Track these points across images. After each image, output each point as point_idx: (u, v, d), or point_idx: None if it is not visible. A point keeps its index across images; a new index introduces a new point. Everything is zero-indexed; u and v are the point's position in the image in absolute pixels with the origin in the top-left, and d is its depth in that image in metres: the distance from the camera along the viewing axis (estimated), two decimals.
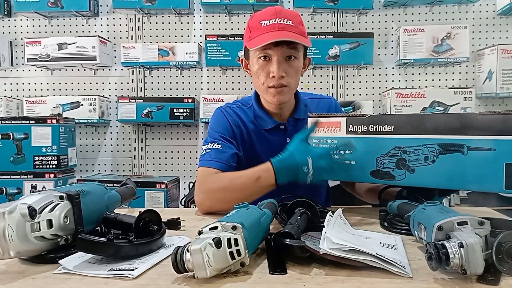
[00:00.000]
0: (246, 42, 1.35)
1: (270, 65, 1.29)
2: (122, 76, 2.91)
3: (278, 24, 1.26)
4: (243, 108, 1.48)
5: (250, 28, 1.33)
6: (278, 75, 1.28)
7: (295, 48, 1.29)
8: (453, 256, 0.69)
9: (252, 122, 1.44)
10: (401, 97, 2.57)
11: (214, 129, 1.42)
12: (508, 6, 2.56)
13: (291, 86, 1.33)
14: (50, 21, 2.90)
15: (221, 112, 1.46)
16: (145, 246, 0.86)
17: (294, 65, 1.31)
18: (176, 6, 2.72)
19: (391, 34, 2.80)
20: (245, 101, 1.50)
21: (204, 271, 0.70)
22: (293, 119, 1.44)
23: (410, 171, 1.06)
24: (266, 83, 1.32)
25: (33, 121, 2.41)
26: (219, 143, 1.36)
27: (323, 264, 0.79)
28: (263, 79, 1.32)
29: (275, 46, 1.26)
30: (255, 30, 1.30)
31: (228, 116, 1.44)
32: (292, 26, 1.27)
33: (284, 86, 1.31)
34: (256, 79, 1.35)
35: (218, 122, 1.43)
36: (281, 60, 1.28)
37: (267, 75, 1.31)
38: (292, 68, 1.31)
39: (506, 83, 2.53)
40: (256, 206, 0.93)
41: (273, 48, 1.27)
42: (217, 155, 1.33)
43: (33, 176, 2.42)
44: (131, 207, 1.55)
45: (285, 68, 1.29)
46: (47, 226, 0.79)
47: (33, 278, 0.75)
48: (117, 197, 1.04)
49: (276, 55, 1.28)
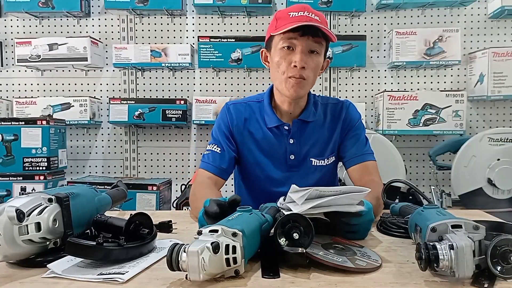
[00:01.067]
0: (271, 31, 1.34)
1: (293, 55, 1.29)
2: (114, 77, 2.88)
3: (306, 16, 1.27)
4: (251, 104, 1.49)
5: (277, 18, 1.33)
6: (300, 65, 1.28)
7: (319, 42, 1.31)
8: (442, 257, 0.69)
9: (257, 119, 1.46)
10: (394, 99, 2.57)
11: (217, 128, 1.48)
12: (500, 10, 2.58)
13: (309, 81, 1.33)
14: (41, 21, 2.87)
15: (225, 111, 1.49)
16: (136, 249, 0.85)
17: (316, 59, 1.32)
18: (169, 7, 2.71)
19: (383, 37, 2.81)
20: (258, 96, 1.52)
21: (198, 275, 0.69)
22: (298, 121, 1.43)
23: None
24: (287, 73, 1.31)
25: (23, 122, 2.37)
26: (219, 146, 1.43)
27: (316, 268, 0.78)
28: (284, 69, 1.32)
29: (301, 36, 1.27)
30: (282, 19, 1.30)
31: (230, 115, 1.47)
32: (319, 22, 1.28)
33: (303, 79, 1.31)
34: (276, 69, 1.35)
35: (221, 121, 1.48)
36: (305, 51, 1.29)
37: (288, 64, 1.30)
38: (314, 62, 1.32)
39: (497, 86, 2.55)
40: (258, 211, 0.92)
41: (298, 38, 1.28)
42: (215, 159, 1.42)
43: (23, 178, 2.38)
44: (122, 209, 1.53)
45: (307, 61, 1.30)
46: (36, 229, 0.78)
47: (20, 282, 0.74)
48: (107, 200, 1.03)
49: (300, 46, 1.28)
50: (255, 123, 1.46)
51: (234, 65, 2.74)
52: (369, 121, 2.79)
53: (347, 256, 0.82)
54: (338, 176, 2.12)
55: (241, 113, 1.47)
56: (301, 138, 1.44)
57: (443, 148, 2.46)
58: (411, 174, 2.77)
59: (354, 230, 0.98)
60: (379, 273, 0.78)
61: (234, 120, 1.46)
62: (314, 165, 1.45)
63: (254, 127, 1.46)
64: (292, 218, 0.80)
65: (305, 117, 1.43)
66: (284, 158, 1.44)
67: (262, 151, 1.45)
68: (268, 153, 1.45)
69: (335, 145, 1.47)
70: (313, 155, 1.45)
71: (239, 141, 1.46)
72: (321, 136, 1.46)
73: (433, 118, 2.55)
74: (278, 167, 1.45)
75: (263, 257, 0.84)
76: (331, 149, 1.47)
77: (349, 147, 1.45)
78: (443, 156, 2.55)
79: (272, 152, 1.45)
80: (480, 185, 2.28)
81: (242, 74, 2.83)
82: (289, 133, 1.43)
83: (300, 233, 0.79)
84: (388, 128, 2.58)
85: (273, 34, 1.33)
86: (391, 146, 2.35)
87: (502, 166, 2.24)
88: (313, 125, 1.45)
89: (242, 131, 1.46)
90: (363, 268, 0.78)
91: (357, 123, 1.49)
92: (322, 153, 1.46)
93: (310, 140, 1.45)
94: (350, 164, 1.45)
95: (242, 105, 1.49)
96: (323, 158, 1.46)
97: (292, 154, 1.44)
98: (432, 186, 2.45)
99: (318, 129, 1.45)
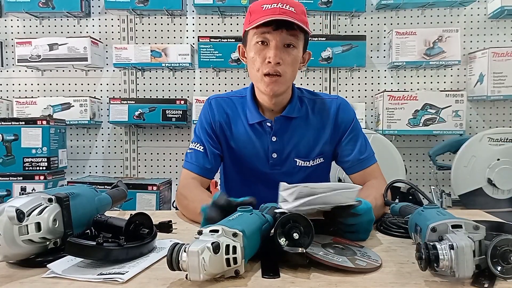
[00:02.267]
0: (246, 26, 1.30)
1: (267, 50, 1.24)
2: (114, 77, 2.88)
3: (280, 8, 1.21)
4: (233, 99, 1.44)
5: (251, 12, 1.28)
6: (274, 61, 1.23)
7: (295, 35, 1.25)
8: (442, 257, 0.69)
9: (238, 115, 1.41)
10: (394, 99, 2.57)
11: (199, 126, 1.44)
12: (499, 10, 2.58)
13: (286, 77, 1.28)
14: (41, 22, 2.87)
15: (207, 106, 1.45)
16: (136, 249, 0.85)
17: (292, 53, 1.26)
18: (169, 7, 2.71)
19: (383, 37, 2.81)
20: (241, 91, 1.47)
21: (198, 275, 0.69)
22: (281, 117, 1.37)
23: None
24: (262, 70, 1.26)
25: (23, 122, 2.37)
26: (202, 144, 1.40)
27: (316, 268, 0.78)
28: (259, 65, 1.27)
29: (274, 30, 1.22)
30: (256, 13, 1.25)
31: (211, 110, 1.43)
32: (294, 13, 1.22)
33: (279, 75, 1.26)
34: (251, 65, 1.30)
35: (203, 118, 1.44)
36: (279, 46, 1.24)
37: (263, 60, 1.25)
38: (290, 56, 1.26)
39: (497, 86, 2.55)
40: (259, 211, 0.92)
41: (272, 32, 1.23)
42: (198, 158, 1.38)
43: (23, 178, 2.38)
44: (122, 209, 1.53)
45: (282, 56, 1.24)
46: (36, 229, 0.78)
47: (21, 282, 0.74)
48: (107, 200, 1.03)
49: (274, 40, 1.23)
50: (237, 119, 1.41)
51: (234, 65, 2.74)
52: (369, 121, 2.79)
53: (347, 256, 0.82)
54: (338, 176, 2.14)
55: (223, 108, 1.42)
56: (284, 136, 1.38)
57: (443, 148, 2.46)
58: (411, 174, 2.77)
59: (352, 230, 0.96)
60: (379, 273, 0.78)
61: (216, 116, 1.41)
62: (298, 165, 1.40)
63: (236, 123, 1.40)
64: (292, 218, 0.80)
65: (288, 113, 1.37)
66: (266, 156, 1.39)
67: (244, 148, 1.40)
68: (250, 150, 1.40)
69: (324, 147, 1.40)
70: (297, 155, 1.39)
71: (221, 137, 1.41)
72: (306, 135, 1.39)
73: (433, 118, 2.55)
74: (261, 165, 1.40)
75: (263, 257, 0.83)
76: (319, 151, 1.40)
77: (348, 152, 1.39)
78: (443, 156, 2.55)
79: (254, 150, 1.39)
80: (480, 185, 2.28)
81: (242, 74, 2.83)
82: (271, 130, 1.37)
83: (300, 233, 0.79)
84: (388, 128, 2.58)
85: (247, 29, 1.28)
86: (391, 146, 2.35)
87: (502, 166, 2.24)
88: (297, 122, 1.38)
89: (224, 127, 1.41)
90: (363, 268, 0.78)
91: (352, 123, 1.41)
92: (307, 154, 1.40)
93: (293, 138, 1.38)
94: (352, 171, 1.40)
95: (224, 100, 1.44)
96: (308, 159, 1.40)
97: (274, 152, 1.38)
98: (432, 186, 2.45)
99: (303, 126, 1.39)
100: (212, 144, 1.40)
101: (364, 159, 1.39)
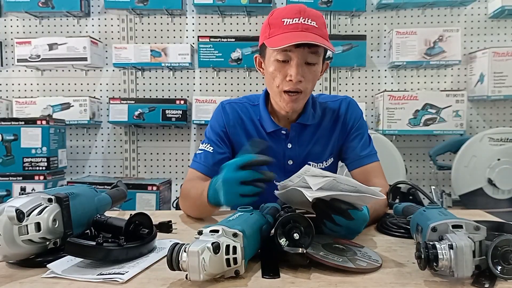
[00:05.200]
0: (264, 39, 1.24)
1: (288, 68, 1.21)
2: (114, 77, 2.88)
3: (302, 24, 1.17)
4: (246, 105, 1.42)
5: (271, 24, 1.22)
6: (296, 79, 1.19)
7: (317, 52, 1.21)
8: (441, 257, 0.69)
9: (254, 122, 1.39)
10: (394, 99, 2.57)
11: (211, 128, 1.41)
12: (500, 10, 2.58)
13: (306, 92, 1.26)
14: (41, 21, 2.86)
15: (221, 110, 1.42)
16: (135, 249, 0.84)
17: (313, 70, 1.23)
18: (169, 7, 2.71)
19: (383, 37, 2.81)
20: (253, 99, 1.44)
21: (198, 275, 0.68)
22: (297, 125, 1.36)
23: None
24: (282, 86, 1.23)
25: (22, 122, 2.37)
26: (212, 145, 1.36)
27: (316, 268, 0.78)
28: (279, 82, 1.23)
29: (296, 47, 1.17)
30: (276, 27, 1.20)
31: (226, 115, 1.40)
32: (316, 28, 1.18)
33: (300, 92, 1.23)
34: (270, 80, 1.26)
35: (215, 121, 1.41)
36: (300, 64, 1.20)
37: (283, 77, 1.22)
38: (311, 73, 1.23)
39: (498, 85, 2.55)
40: (259, 211, 0.91)
41: (293, 50, 1.18)
42: (206, 159, 1.35)
43: (23, 178, 2.38)
44: (122, 209, 1.53)
45: (303, 73, 1.21)
46: (35, 229, 0.78)
47: (20, 282, 0.74)
48: (107, 200, 1.03)
49: (296, 58, 1.19)
50: (252, 125, 1.39)
51: (234, 65, 2.74)
52: (369, 121, 2.79)
53: (348, 256, 0.82)
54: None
55: (237, 113, 1.40)
56: (300, 142, 1.38)
57: (443, 148, 2.47)
58: (411, 174, 2.77)
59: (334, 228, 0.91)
60: (380, 273, 0.78)
61: (230, 120, 1.39)
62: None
63: (251, 128, 1.39)
64: (292, 218, 0.80)
65: (304, 120, 1.36)
66: (283, 163, 1.38)
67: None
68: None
69: (334, 146, 1.41)
70: (311, 158, 1.39)
71: (234, 141, 1.39)
72: (320, 138, 1.39)
73: (433, 118, 2.55)
74: (276, 172, 1.35)
75: (263, 257, 0.83)
76: (330, 151, 1.41)
77: (352, 149, 1.39)
78: (443, 156, 2.55)
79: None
80: (480, 185, 2.28)
81: (242, 74, 2.83)
82: (287, 138, 1.37)
83: (300, 233, 0.78)
84: (388, 128, 2.58)
85: (266, 46, 1.24)
86: (391, 146, 2.35)
87: (502, 166, 2.24)
88: (312, 128, 1.38)
89: (238, 131, 1.39)
90: (363, 268, 0.78)
91: (359, 122, 1.42)
92: (321, 156, 1.40)
93: (309, 144, 1.38)
94: (353, 167, 1.40)
95: (238, 105, 1.42)
96: (321, 161, 1.40)
97: (290, 160, 1.38)
98: (432, 186, 2.45)
99: (317, 131, 1.39)
100: (223, 147, 1.37)
101: (365, 156, 1.39)
